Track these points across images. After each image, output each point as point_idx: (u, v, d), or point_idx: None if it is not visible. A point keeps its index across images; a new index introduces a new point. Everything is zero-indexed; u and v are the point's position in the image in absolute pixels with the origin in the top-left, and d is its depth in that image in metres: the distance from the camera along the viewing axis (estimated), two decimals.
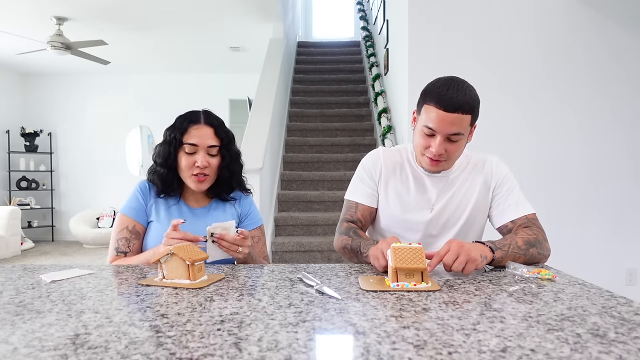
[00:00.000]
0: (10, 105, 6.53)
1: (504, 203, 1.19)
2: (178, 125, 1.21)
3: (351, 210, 1.28)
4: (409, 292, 0.81)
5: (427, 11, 3.05)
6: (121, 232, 1.20)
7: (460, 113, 1.04)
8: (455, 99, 1.04)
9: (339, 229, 1.27)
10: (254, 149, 3.02)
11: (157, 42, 5.35)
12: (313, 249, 3.30)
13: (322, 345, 0.57)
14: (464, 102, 1.04)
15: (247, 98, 6.32)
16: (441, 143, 1.08)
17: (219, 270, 1.01)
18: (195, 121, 1.21)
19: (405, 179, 1.24)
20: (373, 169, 1.26)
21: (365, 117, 5.04)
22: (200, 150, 1.19)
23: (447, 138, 1.08)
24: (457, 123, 1.05)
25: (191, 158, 1.19)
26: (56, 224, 6.73)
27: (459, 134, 1.07)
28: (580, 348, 0.54)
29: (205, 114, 1.24)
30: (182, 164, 1.20)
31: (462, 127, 1.06)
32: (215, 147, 1.21)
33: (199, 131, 1.19)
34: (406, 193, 1.22)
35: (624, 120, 3.09)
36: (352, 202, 1.28)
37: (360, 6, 6.71)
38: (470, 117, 1.07)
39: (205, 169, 1.19)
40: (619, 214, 3.08)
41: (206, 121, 1.22)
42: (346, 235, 1.21)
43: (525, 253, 1.05)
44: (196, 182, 1.20)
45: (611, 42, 3.06)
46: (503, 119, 3.04)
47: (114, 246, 1.20)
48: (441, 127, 1.06)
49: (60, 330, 0.60)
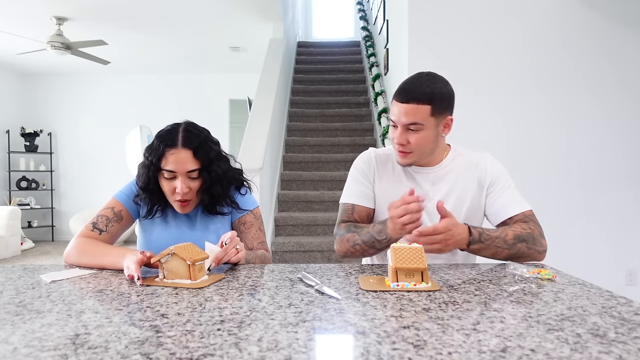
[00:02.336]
0: (10, 105, 6.53)
1: (500, 200, 1.18)
2: (155, 148, 1.12)
3: (347, 213, 1.24)
4: (409, 292, 0.81)
5: (427, 11, 3.05)
6: (104, 211, 1.18)
7: (415, 103, 1.08)
8: (410, 90, 1.09)
9: (337, 232, 1.21)
10: (254, 149, 3.02)
11: (157, 42, 5.35)
12: (313, 249, 3.30)
13: (322, 345, 0.57)
14: (419, 93, 1.08)
15: (247, 98, 6.32)
16: (401, 133, 1.12)
17: (218, 270, 1.01)
18: (172, 145, 1.11)
19: (398, 176, 1.23)
20: (367, 169, 1.25)
21: (365, 117, 5.04)
22: (179, 176, 1.11)
23: (407, 128, 1.11)
24: (411, 113, 1.08)
25: (171, 183, 1.12)
26: (56, 224, 6.73)
27: (417, 124, 1.09)
28: (580, 348, 0.54)
29: (184, 135, 1.12)
30: (164, 189, 1.14)
31: (419, 117, 1.09)
32: (196, 171, 1.12)
33: (175, 156, 1.10)
34: (399, 189, 1.21)
35: (625, 121, 3.09)
36: (348, 204, 1.25)
37: (360, 6, 6.71)
38: (429, 107, 1.08)
39: (185, 195, 1.12)
40: (619, 214, 3.08)
41: (184, 144, 1.11)
42: (348, 232, 1.16)
43: (510, 247, 1.05)
44: (179, 206, 1.15)
45: (608, 41, 3.06)
46: (502, 118, 3.04)
47: (92, 221, 1.17)
48: (398, 117, 1.11)
49: (60, 330, 0.60)
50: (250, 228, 1.27)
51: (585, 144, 3.08)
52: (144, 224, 1.24)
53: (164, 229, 1.22)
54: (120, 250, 1.05)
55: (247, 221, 1.27)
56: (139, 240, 1.26)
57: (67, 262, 1.11)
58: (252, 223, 1.28)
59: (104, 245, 1.11)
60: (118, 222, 1.18)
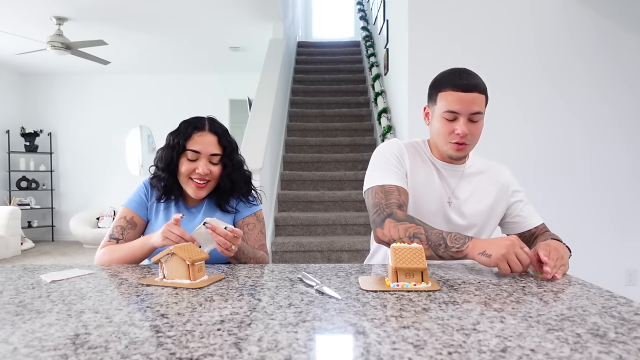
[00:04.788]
0: (10, 105, 6.53)
1: (526, 210, 1.24)
2: (182, 130, 1.21)
3: (395, 194, 1.12)
4: (409, 292, 0.81)
5: (427, 11, 3.05)
6: (118, 221, 1.23)
7: (477, 92, 1.11)
8: (471, 80, 1.12)
9: (391, 215, 1.08)
10: (254, 149, 3.02)
11: (157, 42, 5.35)
12: (313, 249, 3.30)
13: (322, 345, 0.57)
14: (478, 82, 1.12)
15: (247, 98, 6.32)
16: (465, 123, 1.11)
17: (218, 270, 1.01)
18: (200, 128, 1.21)
19: (428, 168, 1.21)
20: (400, 156, 1.20)
21: (365, 117, 5.04)
22: (202, 158, 1.19)
23: (469, 119, 1.12)
24: (477, 102, 1.11)
25: (192, 164, 1.19)
26: (56, 224, 6.73)
27: (479, 113, 1.12)
28: (580, 348, 0.54)
29: (209, 121, 1.24)
30: (182, 169, 1.20)
31: (482, 106, 1.12)
32: (218, 156, 1.21)
33: (202, 138, 1.20)
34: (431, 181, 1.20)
35: (625, 121, 3.09)
36: (390, 186, 1.13)
37: (360, 6, 6.71)
38: (484, 97, 1.13)
39: (205, 176, 1.19)
40: (619, 214, 3.08)
41: (210, 129, 1.22)
42: (410, 221, 1.05)
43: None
44: (195, 188, 1.20)
45: (611, 42, 3.06)
46: (502, 119, 3.04)
47: (108, 233, 1.22)
48: (464, 107, 1.10)
49: (60, 330, 0.60)
50: (253, 230, 1.29)
51: (585, 143, 3.08)
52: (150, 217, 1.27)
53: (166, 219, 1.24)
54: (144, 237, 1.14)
55: (251, 222, 1.30)
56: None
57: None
58: (255, 225, 1.30)
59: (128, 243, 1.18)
60: (133, 229, 1.22)
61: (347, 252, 3.29)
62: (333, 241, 3.31)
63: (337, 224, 3.62)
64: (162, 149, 1.24)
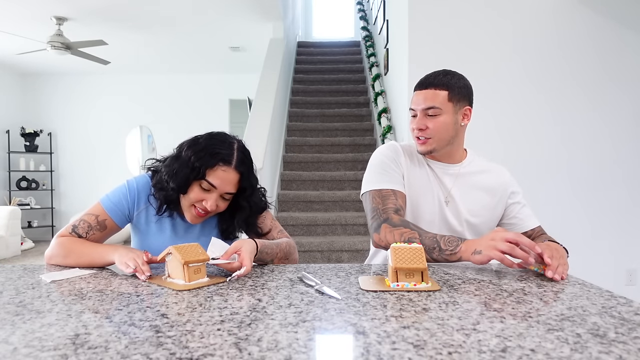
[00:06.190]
0: (10, 105, 6.53)
1: (523, 213, 1.25)
2: (207, 155, 1.07)
3: (391, 199, 1.14)
4: (409, 292, 0.81)
5: (427, 11, 3.05)
6: (88, 217, 1.12)
7: (432, 88, 1.14)
8: (429, 78, 1.16)
9: (387, 220, 1.09)
10: (254, 149, 3.00)
11: (157, 42, 5.35)
12: (313, 249, 3.30)
13: (322, 345, 0.57)
14: (437, 80, 1.14)
15: (247, 98, 6.32)
16: (420, 118, 1.16)
17: (219, 273, 1.01)
18: (227, 162, 1.07)
19: (422, 170, 1.23)
20: (397, 158, 1.21)
21: (365, 117, 5.04)
22: (215, 192, 1.08)
23: (425, 114, 1.15)
24: (429, 98, 1.14)
25: (203, 195, 1.08)
26: (56, 224, 6.72)
27: (434, 108, 1.13)
28: (580, 348, 0.54)
29: (238, 157, 1.10)
30: (190, 194, 1.09)
31: (437, 101, 1.13)
32: (231, 195, 1.11)
33: (225, 174, 1.07)
34: (425, 183, 1.21)
35: (625, 121, 3.09)
36: (387, 190, 1.15)
37: (360, 6, 6.71)
38: (446, 92, 1.14)
39: (211, 211, 1.11)
40: (619, 214, 3.08)
41: (237, 165, 1.09)
42: (406, 226, 1.07)
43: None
44: (195, 216, 1.11)
45: (611, 42, 3.06)
46: (502, 119, 3.04)
47: (73, 223, 1.12)
48: (417, 103, 1.17)
49: (60, 330, 0.60)
50: (264, 221, 1.23)
51: (584, 144, 3.08)
52: (139, 225, 1.19)
53: (159, 231, 1.18)
54: (110, 246, 1.05)
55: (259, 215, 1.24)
56: (133, 242, 1.22)
57: (50, 264, 1.07)
58: (265, 216, 1.24)
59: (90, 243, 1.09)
60: (100, 231, 1.13)
61: (347, 252, 3.29)
62: (333, 241, 3.31)
63: (337, 224, 3.62)
64: (179, 162, 1.09)
